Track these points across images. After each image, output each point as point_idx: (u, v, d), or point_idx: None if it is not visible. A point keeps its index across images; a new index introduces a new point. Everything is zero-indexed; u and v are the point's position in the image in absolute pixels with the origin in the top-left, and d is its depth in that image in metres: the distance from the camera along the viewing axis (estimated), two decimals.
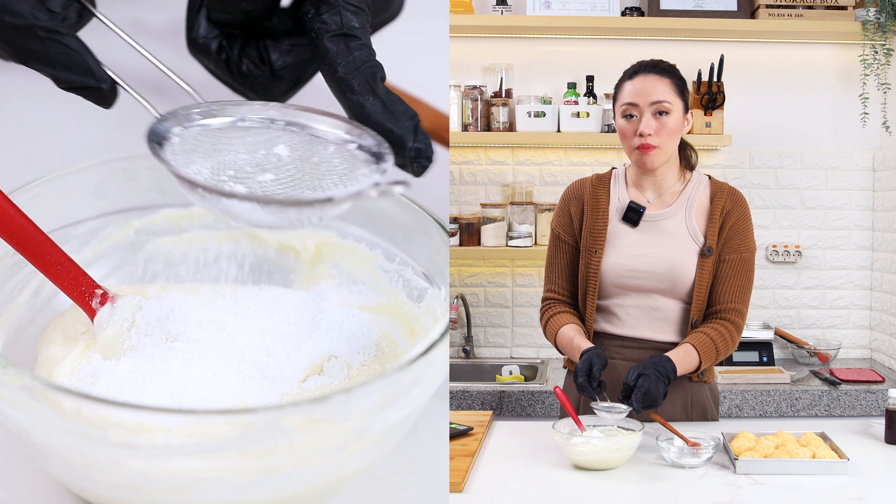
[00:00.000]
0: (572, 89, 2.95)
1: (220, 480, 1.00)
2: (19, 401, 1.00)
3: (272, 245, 1.34)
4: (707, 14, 2.90)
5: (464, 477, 1.48)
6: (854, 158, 3.08)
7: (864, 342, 3.12)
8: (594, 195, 1.90)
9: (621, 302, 1.86)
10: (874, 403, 2.58)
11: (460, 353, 3.05)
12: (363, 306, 1.30)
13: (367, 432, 1.05)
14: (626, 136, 1.82)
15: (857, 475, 1.50)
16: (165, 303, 1.20)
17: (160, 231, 1.34)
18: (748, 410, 2.57)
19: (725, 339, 1.81)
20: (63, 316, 1.25)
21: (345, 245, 1.32)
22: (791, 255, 3.07)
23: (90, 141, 1.48)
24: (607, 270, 1.85)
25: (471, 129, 2.95)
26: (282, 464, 1.01)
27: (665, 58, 1.88)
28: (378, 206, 1.29)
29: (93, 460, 1.00)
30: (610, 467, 1.54)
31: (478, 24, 2.93)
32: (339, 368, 1.22)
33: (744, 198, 1.90)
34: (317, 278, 1.33)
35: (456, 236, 2.98)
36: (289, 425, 0.99)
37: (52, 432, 1.00)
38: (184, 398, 1.11)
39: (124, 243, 1.33)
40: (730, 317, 1.83)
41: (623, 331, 1.86)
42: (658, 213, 1.86)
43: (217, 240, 1.34)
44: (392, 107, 1.12)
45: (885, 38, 2.88)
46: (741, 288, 1.85)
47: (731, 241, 1.85)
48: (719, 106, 2.88)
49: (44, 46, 1.13)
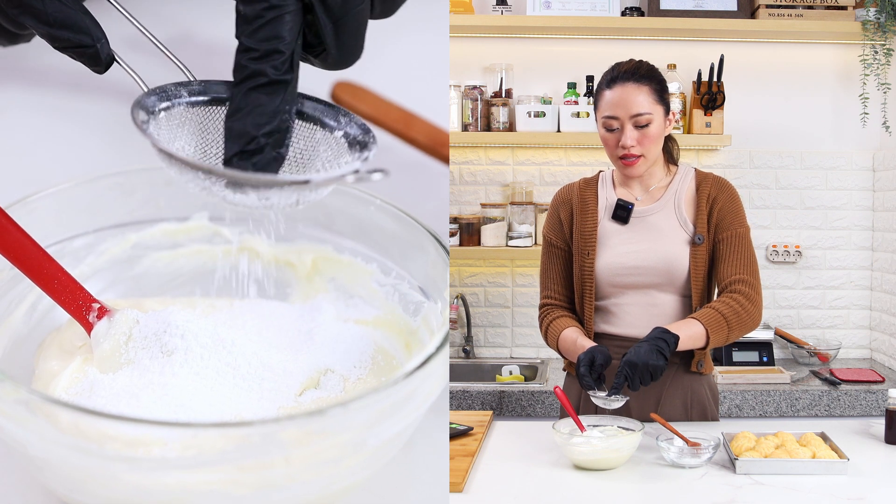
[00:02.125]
0: (572, 89, 2.96)
1: (217, 494, 1.00)
2: (16, 414, 1.00)
3: (269, 259, 1.35)
4: (707, 14, 2.90)
5: (464, 477, 1.48)
6: (854, 158, 3.08)
7: (864, 342, 3.12)
8: (582, 198, 1.90)
9: (619, 301, 1.85)
10: (874, 403, 2.58)
11: (460, 353, 3.05)
12: (359, 320, 1.30)
13: (363, 446, 1.05)
14: (608, 146, 1.82)
15: (857, 475, 1.50)
16: (162, 317, 1.20)
17: (157, 246, 1.34)
18: (748, 410, 2.57)
19: (736, 311, 1.75)
20: (60, 330, 1.25)
21: (341, 259, 1.32)
22: (791, 255, 3.07)
23: (87, 155, 1.48)
24: (601, 270, 1.85)
25: (471, 129, 2.95)
26: (278, 477, 1.01)
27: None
28: (374, 221, 1.29)
29: (90, 474, 1.00)
30: (610, 467, 1.54)
31: (478, 24, 2.93)
32: (335, 382, 1.22)
33: (730, 184, 1.89)
34: (313, 292, 1.33)
35: (456, 236, 2.98)
36: (285, 439, 1.00)
37: (48, 446, 0.99)
38: (180, 412, 1.11)
39: (121, 258, 1.33)
40: (737, 287, 1.78)
41: (623, 330, 1.86)
42: (647, 209, 1.87)
43: (213, 254, 1.35)
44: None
45: (885, 38, 2.88)
46: (744, 261, 1.81)
47: (722, 222, 1.84)
48: (719, 106, 2.88)
49: (42, 3, 1.13)
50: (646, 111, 1.78)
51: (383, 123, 1.62)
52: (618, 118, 1.78)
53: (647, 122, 1.78)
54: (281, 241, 1.34)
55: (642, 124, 1.78)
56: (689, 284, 1.82)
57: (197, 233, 1.35)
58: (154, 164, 1.18)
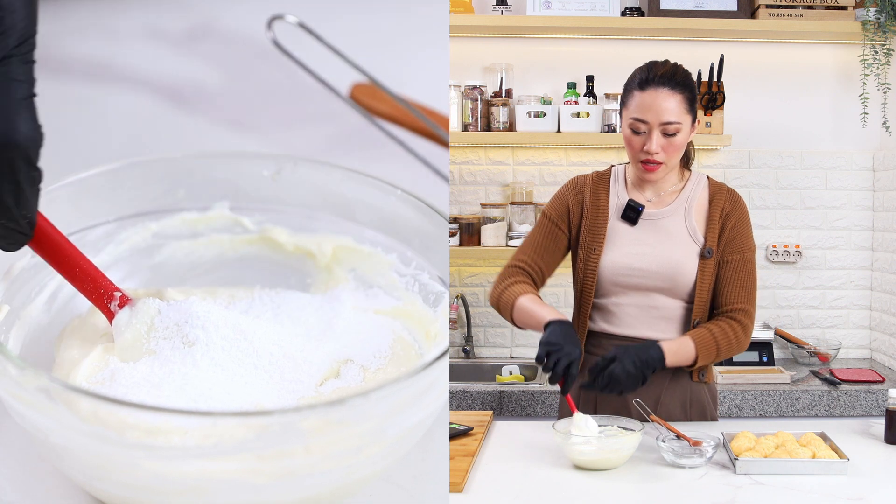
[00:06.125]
0: (572, 89, 2.95)
1: (236, 482, 1.01)
2: (37, 402, 1.00)
3: (289, 249, 1.35)
4: (707, 14, 2.90)
5: (464, 477, 1.48)
6: (854, 158, 3.08)
7: (864, 342, 3.12)
8: (594, 192, 1.89)
9: (619, 301, 1.85)
10: (874, 403, 2.58)
11: (460, 353, 3.05)
12: (379, 310, 1.30)
13: (382, 435, 1.06)
14: (632, 147, 1.79)
15: (857, 475, 1.50)
16: (184, 307, 1.20)
17: (177, 235, 1.34)
18: (748, 410, 2.57)
19: (728, 337, 1.79)
20: (81, 318, 1.25)
21: (361, 249, 1.32)
22: (791, 255, 3.07)
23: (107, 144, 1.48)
24: (606, 268, 1.84)
25: (471, 129, 2.95)
26: (297, 466, 1.02)
27: (665, 58, 1.85)
28: (395, 211, 1.29)
29: (109, 461, 1.01)
30: (610, 467, 1.54)
31: (478, 24, 2.93)
32: (355, 372, 1.23)
33: (742, 199, 1.89)
34: (333, 282, 1.33)
35: (456, 236, 2.98)
36: (305, 428, 1.00)
37: (69, 433, 1.00)
38: (201, 401, 1.12)
39: (141, 247, 1.33)
40: (737, 316, 1.82)
41: (621, 330, 1.86)
42: (657, 212, 1.86)
43: (234, 244, 1.35)
44: None
45: (885, 38, 2.88)
46: (747, 288, 1.84)
47: (732, 243, 1.84)
48: (719, 106, 2.88)
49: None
50: (676, 120, 1.74)
51: (402, 122, 1.63)
52: (647, 122, 1.75)
53: (675, 132, 1.75)
54: (301, 230, 1.34)
55: (671, 133, 1.75)
56: (692, 293, 1.82)
57: (217, 222, 1.35)
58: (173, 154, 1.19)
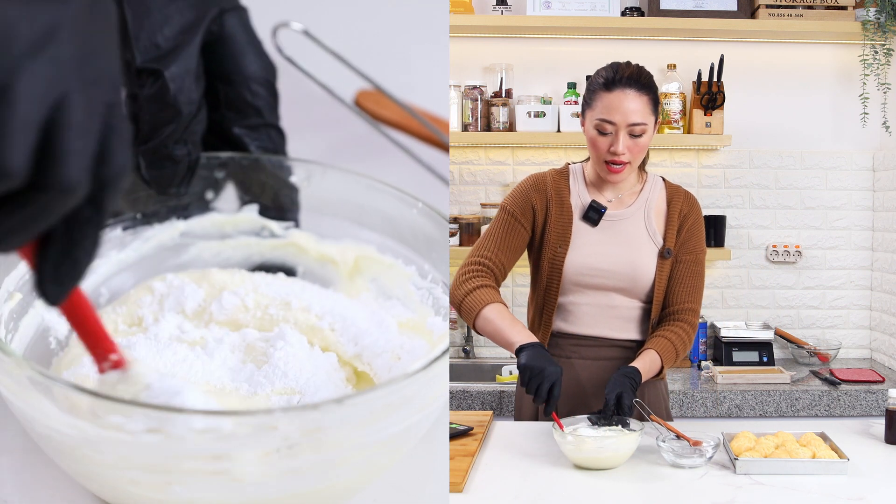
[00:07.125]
0: (572, 89, 2.96)
1: (232, 480, 1.00)
2: (25, 393, 1.00)
3: (313, 255, 1.35)
4: (707, 14, 2.90)
5: (464, 477, 1.48)
6: (854, 158, 3.08)
7: (864, 342, 3.12)
8: (557, 191, 1.89)
9: (577, 300, 1.87)
10: (874, 403, 2.58)
11: (460, 353, 3.05)
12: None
13: (383, 434, 1.06)
14: (597, 148, 1.80)
15: (857, 475, 1.50)
16: (175, 386, 1.09)
17: (205, 235, 1.34)
18: (748, 410, 2.57)
19: (684, 341, 1.86)
20: None
21: (383, 260, 1.33)
22: (791, 255, 3.07)
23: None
24: (568, 268, 1.85)
25: (471, 129, 2.95)
26: (300, 465, 1.02)
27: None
28: (416, 224, 1.29)
29: (105, 456, 1.00)
30: (610, 467, 1.54)
31: (478, 24, 2.93)
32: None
33: (697, 200, 1.93)
34: (355, 291, 1.34)
35: (456, 236, 2.98)
36: (308, 427, 1.00)
37: (73, 432, 1.00)
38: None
39: (168, 245, 1.33)
40: (687, 317, 1.88)
41: (579, 329, 1.88)
42: (617, 213, 1.88)
43: (261, 247, 1.35)
44: None
45: (885, 38, 2.88)
46: (696, 288, 1.90)
47: (687, 244, 1.88)
48: (719, 106, 2.88)
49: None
50: (643, 121, 1.77)
51: (406, 128, 1.63)
52: (614, 123, 1.76)
53: (641, 132, 1.78)
54: (326, 238, 1.34)
55: (637, 133, 1.77)
56: (650, 293, 1.86)
57: (245, 225, 1.35)
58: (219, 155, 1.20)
